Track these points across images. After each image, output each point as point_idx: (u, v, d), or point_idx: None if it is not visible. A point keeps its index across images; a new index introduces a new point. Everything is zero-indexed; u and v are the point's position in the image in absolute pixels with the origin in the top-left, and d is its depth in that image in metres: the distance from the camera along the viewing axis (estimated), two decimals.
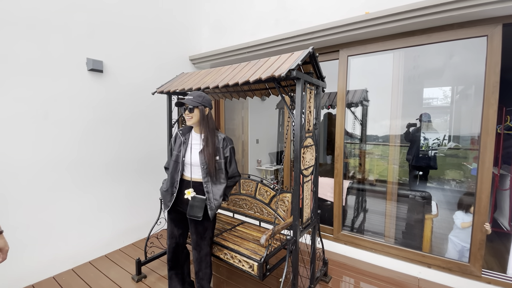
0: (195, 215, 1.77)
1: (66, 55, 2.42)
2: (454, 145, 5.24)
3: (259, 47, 2.96)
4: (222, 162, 1.84)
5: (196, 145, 1.85)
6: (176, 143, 1.90)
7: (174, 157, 1.86)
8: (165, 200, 1.89)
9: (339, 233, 2.88)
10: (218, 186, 1.83)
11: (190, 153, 1.83)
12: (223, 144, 1.86)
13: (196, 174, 1.83)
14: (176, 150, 1.87)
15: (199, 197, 1.78)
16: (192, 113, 1.78)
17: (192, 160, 1.81)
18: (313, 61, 1.83)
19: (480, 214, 2.20)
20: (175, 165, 1.85)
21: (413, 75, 3.40)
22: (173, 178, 1.85)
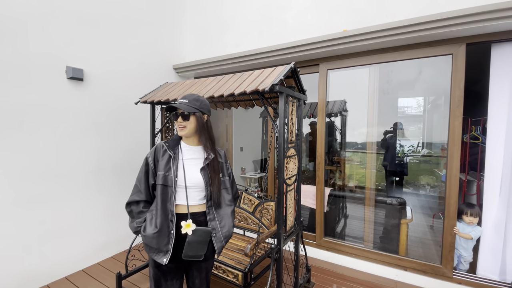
0: (196, 255, 1.32)
1: (45, 63, 2.36)
2: (427, 152, 5.59)
3: (242, 58, 3.03)
4: (226, 179, 1.49)
5: (190, 160, 1.41)
6: (160, 161, 1.37)
7: (162, 179, 1.33)
8: (159, 246, 1.30)
9: (321, 239, 2.96)
10: (226, 210, 1.44)
11: (183, 171, 1.36)
12: (225, 158, 1.54)
13: (194, 200, 1.38)
14: (162, 170, 1.34)
15: (202, 230, 1.33)
16: (186, 121, 1.36)
17: (189, 181, 1.36)
18: (294, 76, 1.92)
19: (449, 218, 2.37)
20: (165, 190, 1.33)
21: (387, 87, 3.62)
22: (165, 210, 1.31)
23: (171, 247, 1.30)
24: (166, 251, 1.29)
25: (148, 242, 1.29)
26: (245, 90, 1.68)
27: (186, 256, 1.31)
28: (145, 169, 1.37)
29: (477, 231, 2.36)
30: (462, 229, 2.40)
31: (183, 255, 1.30)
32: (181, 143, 1.45)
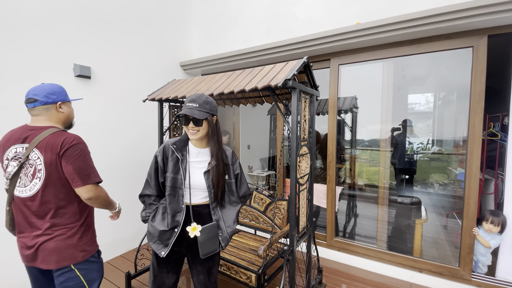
0: (212, 250, 1.38)
1: (52, 61, 2.33)
2: (437, 149, 5.44)
3: (251, 54, 2.96)
4: (232, 182, 1.49)
5: (196, 163, 1.43)
6: (169, 161, 1.41)
7: (170, 181, 1.38)
8: (161, 240, 1.37)
9: (332, 239, 2.89)
10: (230, 211, 1.47)
11: (188, 173, 1.40)
12: (232, 159, 1.51)
13: (197, 198, 1.43)
14: (171, 172, 1.39)
15: (209, 227, 1.37)
16: (199, 126, 1.35)
17: (194, 182, 1.40)
18: (307, 71, 1.84)
19: (468, 219, 2.27)
20: (173, 191, 1.38)
21: (402, 82, 3.50)
22: (173, 210, 1.38)
23: (171, 243, 1.36)
24: (166, 245, 1.36)
25: (153, 232, 1.38)
26: (256, 86, 1.61)
27: (204, 255, 1.35)
28: (155, 167, 1.43)
29: (497, 240, 2.23)
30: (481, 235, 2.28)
31: (201, 255, 1.34)
32: (189, 144, 1.46)
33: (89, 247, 1.38)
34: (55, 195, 1.26)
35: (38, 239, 1.25)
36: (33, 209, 1.25)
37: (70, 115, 1.44)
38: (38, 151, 1.24)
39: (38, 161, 1.24)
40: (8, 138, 1.29)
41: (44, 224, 1.25)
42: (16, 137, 1.27)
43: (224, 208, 1.45)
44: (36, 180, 1.24)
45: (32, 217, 1.26)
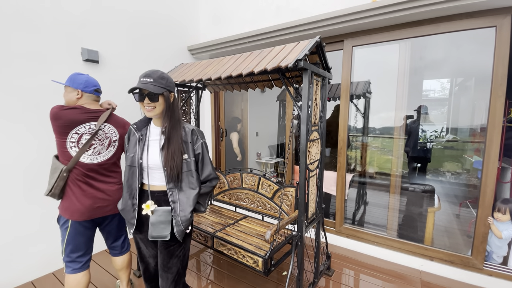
0: (160, 235, 1.33)
1: (60, 45, 2.32)
2: (452, 137, 5.24)
3: (260, 36, 2.86)
4: (192, 161, 1.38)
5: (155, 141, 1.38)
6: (130, 141, 1.42)
7: (129, 160, 1.38)
8: (127, 218, 1.42)
9: (342, 226, 2.87)
10: (187, 193, 1.37)
11: (147, 152, 1.36)
12: (192, 137, 1.40)
13: (157, 181, 1.38)
14: (130, 151, 1.39)
15: (162, 210, 1.34)
16: (155, 102, 1.29)
17: (150, 161, 1.35)
18: (319, 51, 1.76)
19: (484, 207, 2.19)
20: (131, 170, 1.37)
21: (419, 64, 3.33)
22: (130, 188, 1.38)
23: (135, 221, 1.40)
24: (132, 224, 1.41)
25: (122, 214, 1.45)
26: (265, 68, 1.55)
27: (151, 237, 1.33)
28: (121, 146, 1.63)
29: (510, 231, 2.18)
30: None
31: (148, 236, 1.34)
32: (151, 124, 1.44)
33: None
34: (117, 158, 1.75)
35: (113, 188, 1.68)
36: (106, 169, 1.67)
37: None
38: (112, 126, 1.70)
39: (114, 134, 1.70)
40: (77, 117, 1.55)
41: (113, 179, 1.71)
42: (87, 117, 1.58)
43: (182, 191, 1.36)
44: (111, 148, 1.68)
45: (105, 176, 1.67)
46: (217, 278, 2.32)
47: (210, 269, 2.47)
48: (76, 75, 1.66)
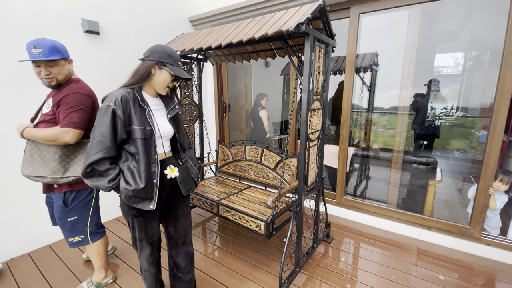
0: (191, 188, 1.47)
1: (60, 15, 2.28)
2: (462, 114, 5.11)
3: (263, 4, 2.75)
4: (183, 126, 1.61)
5: (157, 111, 1.40)
6: (133, 113, 1.28)
7: (140, 133, 1.27)
8: (146, 196, 1.29)
9: (342, 198, 2.93)
10: (191, 152, 1.55)
11: (156, 123, 1.35)
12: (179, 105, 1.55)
13: (167, 148, 1.45)
14: (139, 123, 1.28)
15: (184, 167, 1.44)
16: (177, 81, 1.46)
17: (163, 131, 1.37)
18: (323, 16, 1.70)
19: (486, 178, 2.20)
20: (145, 143, 1.29)
21: (427, 36, 3.18)
22: (147, 162, 1.29)
23: (156, 194, 1.31)
24: (151, 198, 1.30)
25: (135, 194, 1.27)
26: (266, 33, 1.51)
27: (187, 191, 1.44)
28: (112, 122, 1.21)
29: (501, 201, 2.23)
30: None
31: (184, 192, 1.43)
32: (144, 94, 1.36)
33: None
34: None
35: None
36: None
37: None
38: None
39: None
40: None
41: None
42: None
43: (187, 150, 1.53)
44: None
45: None
46: (223, 243, 2.44)
47: (216, 236, 2.59)
48: (58, 42, 1.54)
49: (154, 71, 1.31)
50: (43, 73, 1.50)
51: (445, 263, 2.18)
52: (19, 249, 2.25)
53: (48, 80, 1.51)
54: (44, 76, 1.50)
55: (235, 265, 2.12)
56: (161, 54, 1.30)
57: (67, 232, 1.68)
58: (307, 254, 2.15)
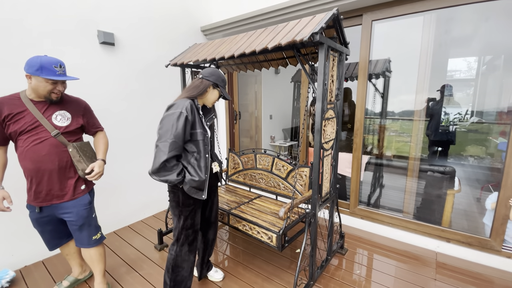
0: (221, 179, 1.91)
1: (76, 27, 2.36)
2: (477, 120, 4.96)
3: (274, 13, 2.77)
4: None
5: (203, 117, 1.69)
6: (196, 119, 1.56)
7: (201, 135, 1.56)
8: (202, 187, 1.59)
9: (356, 207, 2.87)
10: (215, 149, 2.01)
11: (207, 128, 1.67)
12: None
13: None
14: (200, 128, 1.57)
15: (217, 162, 1.81)
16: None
17: (208, 134, 1.68)
18: (336, 25, 1.68)
19: (506, 188, 2.10)
20: (204, 144, 1.58)
21: (442, 42, 3.12)
22: (205, 159, 1.60)
23: (207, 185, 1.63)
24: (203, 189, 1.61)
25: (198, 185, 1.56)
26: (279, 43, 1.51)
27: (220, 182, 1.91)
28: (184, 126, 1.48)
29: None
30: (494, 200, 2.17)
31: (221, 182, 1.92)
32: (199, 105, 1.64)
33: None
34: None
35: None
36: None
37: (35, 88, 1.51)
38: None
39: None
40: None
41: None
42: None
43: (213, 149, 1.91)
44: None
45: None
46: (233, 253, 2.41)
47: (226, 245, 2.57)
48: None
49: (209, 90, 1.64)
50: (59, 89, 1.54)
51: (465, 277, 2.09)
52: (32, 256, 2.28)
53: (57, 95, 1.55)
54: (58, 91, 1.54)
55: (246, 276, 2.09)
56: (217, 78, 1.64)
57: (92, 230, 1.72)
58: (321, 267, 2.10)
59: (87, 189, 1.71)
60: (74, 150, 1.60)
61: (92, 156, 1.72)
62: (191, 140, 1.55)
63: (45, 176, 1.54)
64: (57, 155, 1.55)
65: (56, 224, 1.72)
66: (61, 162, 1.57)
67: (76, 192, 1.64)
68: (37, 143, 1.50)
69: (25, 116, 1.50)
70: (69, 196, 1.62)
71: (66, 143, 1.58)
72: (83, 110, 1.72)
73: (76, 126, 1.65)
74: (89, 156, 1.69)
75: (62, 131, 1.57)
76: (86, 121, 1.73)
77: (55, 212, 1.64)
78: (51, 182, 1.56)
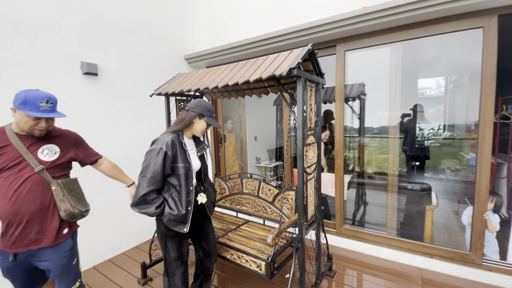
0: (213, 210, 1.89)
1: (59, 58, 2.38)
2: (449, 135, 5.32)
3: (255, 44, 2.93)
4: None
5: (192, 150, 1.75)
6: (178, 153, 1.61)
7: (183, 169, 1.60)
8: (183, 220, 1.60)
9: (342, 227, 2.91)
10: (210, 180, 1.94)
11: (190, 160, 1.67)
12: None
13: (195, 179, 1.78)
14: (182, 162, 1.60)
15: (208, 192, 1.81)
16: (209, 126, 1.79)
17: (195, 165, 1.72)
18: (312, 58, 1.82)
19: (479, 203, 2.24)
20: (185, 177, 1.61)
21: (411, 66, 3.40)
22: (187, 192, 1.62)
23: (189, 219, 1.64)
24: (186, 222, 1.62)
25: (177, 219, 1.58)
26: (260, 77, 1.60)
27: (211, 213, 1.87)
28: (163, 161, 1.54)
29: (497, 223, 2.30)
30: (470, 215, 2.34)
31: (210, 214, 1.86)
32: (184, 137, 1.71)
33: None
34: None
35: None
36: None
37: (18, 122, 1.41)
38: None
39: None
40: None
41: None
42: None
43: (206, 181, 1.87)
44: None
45: None
46: (221, 283, 2.35)
47: (213, 274, 2.50)
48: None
49: (195, 121, 1.69)
50: (42, 126, 1.39)
51: None
52: None
53: (40, 132, 1.41)
54: (41, 128, 1.40)
55: None
56: (202, 108, 1.69)
57: (70, 280, 1.53)
58: None
59: (70, 232, 1.53)
60: (57, 188, 1.45)
61: (79, 195, 1.56)
62: (173, 174, 1.59)
63: (25, 218, 1.36)
64: (40, 194, 1.40)
65: (31, 272, 1.50)
66: (43, 202, 1.40)
67: (58, 236, 1.46)
68: (19, 182, 1.36)
69: (8, 151, 1.37)
70: (49, 241, 1.42)
71: (50, 180, 1.43)
72: (74, 143, 1.60)
73: (64, 159, 1.52)
74: (75, 195, 1.53)
75: (48, 166, 1.43)
76: (81, 153, 1.64)
77: (31, 259, 1.43)
78: (30, 224, 1.38)
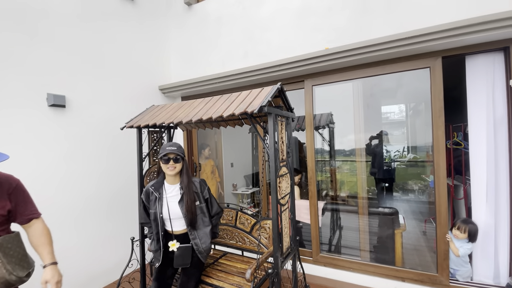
0: (183, 263, 1.84)
1: (23, 91, 2.28)
2: (413, 157, 5.74)
3: (228, 78, 3.06)
4: (203, 206, 1.92)
5: (172, 197, 1.87)
6: (150, 200, 1.89)
7: (152, 215, 1.87)
8: (155, 256, 1.91)
9: (318, 255, 2.92)
10: (204, 230, 1.90)
11: (167, 207, 1.82)
12: (201, 188, 1.94)
13: (178, 227, 1.88)
14: (152, 208, 1.87)
15: (183, 247, 1.83)
16: (177, 163, 1.85)
17: (172, 214, 1.83)
18: (282, 95, 1.94)
19: (441, 225, 2.40)
20: (154, 222, 1.87)
21: (371, 99, 3.73)
22: (156, 236, 1.89)
23: (161, 258, 1.86)
24: (159, 259, 1.87)
25: (152, 252, 1.92)
26: (233, 112, 1.67)
27: (177, 265, 1.84)
28: (143, 206, 1.91)
29: (465, 248, 2.31)
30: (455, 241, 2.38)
31: (174, 264, 1.84)
32: (165, 183, 1.89)
33: None
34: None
35: None
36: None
37: None
38: None
39: None
40: None
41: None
42: None
43: (199, 229, 1.88)
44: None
45: None
46: None
47: None
48: None
49: (162, 166, 1.86)
50: None
51: None
52: None
53: None
54: None
55: None
56: (161, 152, 1.84)
57: None
58: None
59: None
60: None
61: (19, 255, 1.31)
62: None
63: None
64: None
65: None
66: None
67: None
68: None
69: None
70: None
71: None
72: (12, 191, 1.32)
73: (2, 212, 1.27)
74: (15, 255, 1.28)
75: None
76: (14, 206, 1.32)
77: None
78: None
